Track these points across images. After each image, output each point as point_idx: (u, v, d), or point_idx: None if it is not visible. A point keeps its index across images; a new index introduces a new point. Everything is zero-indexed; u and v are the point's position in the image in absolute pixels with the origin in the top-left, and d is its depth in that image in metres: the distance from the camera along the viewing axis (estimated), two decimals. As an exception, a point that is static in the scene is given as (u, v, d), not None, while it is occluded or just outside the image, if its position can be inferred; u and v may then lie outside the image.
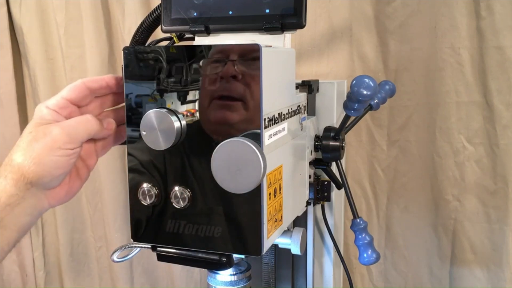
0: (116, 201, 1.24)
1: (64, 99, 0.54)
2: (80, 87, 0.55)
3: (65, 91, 0.54)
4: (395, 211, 1.06)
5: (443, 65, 0.96)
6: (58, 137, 0.50)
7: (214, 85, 0.49)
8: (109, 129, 0.56)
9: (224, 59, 0.48)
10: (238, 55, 0.48)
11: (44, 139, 0.49)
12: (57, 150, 0.50)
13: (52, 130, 0.50)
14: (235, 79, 0.48)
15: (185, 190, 0.52)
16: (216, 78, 0.49)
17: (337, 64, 1.04)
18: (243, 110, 0.48)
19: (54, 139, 0.49)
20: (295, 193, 0.62)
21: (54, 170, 0.50)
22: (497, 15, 0.90)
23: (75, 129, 0.51)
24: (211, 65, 0.49)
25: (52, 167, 0.50)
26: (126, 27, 1.14)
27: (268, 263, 0.81)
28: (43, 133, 0.50)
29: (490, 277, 1.00)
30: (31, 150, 0.49)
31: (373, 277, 1.11)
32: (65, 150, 0.50)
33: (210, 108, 0.50)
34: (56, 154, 0.50)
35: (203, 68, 0.50)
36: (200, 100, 0.50)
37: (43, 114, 0.53)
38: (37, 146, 0.49)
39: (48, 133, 0.50)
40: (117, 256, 0.62)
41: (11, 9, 1.21)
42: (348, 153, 1.06)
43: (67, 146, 0.50)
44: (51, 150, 0.49)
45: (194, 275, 1.25)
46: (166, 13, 0.62)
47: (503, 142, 0.94)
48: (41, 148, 0.49)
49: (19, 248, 1.35)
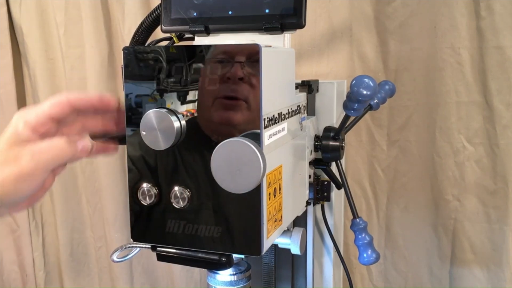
0: (116, 201, 1.24)
1: (44, 115, 0.51)
2: (63, 104, 0.52)
3: (47, 105, 0.52)
4: (395, 211, 1.06)
5: (443, 65, 0.96)
6: (26, 167, 0.49)
7: (219, 85, 0.49)
8: (83, 152, 0.53)
9: (229, 59, 0.48)
10: (246, 57, 0.48)
11: (14, 166, 0.49)
12: (25, 178, 0.49)
13: (22, 158, 0.49)
14: (242, 81, 0.48)
15: (185, 190, 0.52)
16: (221, 79, 0.49)
17: (337, 64, 1.04)
18: (246, 110, 0.48)
19: (22, 168, 0.49)
20: (295, 193, 0.62)
21: (19, 193, 0.50)
22: (497, 15, 0.90)
23: (46, 156, 0.50)
24: (215, 65, 0.49)
25: (17, 191, 0.49)
26: (126, 27, 1.14)
27: (268, 263, 0.80)
28: (14, 158, 0.49)
29: (490, 277, 1.00)
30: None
31: (373, 277, 1.11)
32: (33, 179, 0.50)
33: (213, 108, 0.49)
34: (23, 180, 0.49)
35: (206, 68, 0.49)
36: (202, 99, 0.50)
37: (18, 129, 0.51)
38: (6, 171, 0.48)
39: (18, 159, 0.49)
40: (117, 256, 0.61)
41: (11, 9, 1.21)
42: (348, 153, 1.06)
43: (35, 175, 0.49)
44: (18, 177, 0.49)
45: (194, 275, 1.25)
46: (166, 13, 0.62)
47: (503, 142, 0.94)
48: (8, 173, 0.48)
49: (19, 248, 1.35)
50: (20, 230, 1.34)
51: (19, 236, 1.35)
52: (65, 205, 1.30)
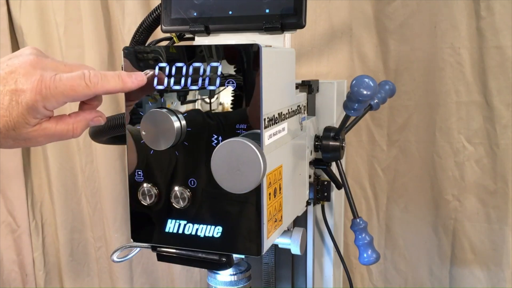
0: (116, 201, 1.24)
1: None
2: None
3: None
4: (395, 211, 1.06)
5: (443, 65, 0.96)
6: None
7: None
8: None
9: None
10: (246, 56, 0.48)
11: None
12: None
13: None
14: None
15: (185, 190, 0.52)
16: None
17: (337, 64, 1.04)
18: None
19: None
20: (295, 193, 0.62)
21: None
22: (497, 15, 0.90)
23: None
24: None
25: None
26: (126, 27, 1.14)
27: (268, 263, 0.81)
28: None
29: (490, 277, 1.00)
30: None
31: (373, 277, 1.11)
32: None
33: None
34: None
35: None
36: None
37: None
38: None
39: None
40: (117, 256, 0.61)
41: (11, 9, 1.21)
42: (348, 153, 1.06)
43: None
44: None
45: (194, 275, 1.25)
46: (166, 13, 0.62)
47: (503, 142, 0.94)
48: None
49: (19, 248, 1.36)
50: (20, 230, 1.35)
51: (19, 236, 1.35)
52: (65, 205, 1.30)
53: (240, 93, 0.49)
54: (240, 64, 0.49)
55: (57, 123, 0.49)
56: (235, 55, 0.49)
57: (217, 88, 0.50)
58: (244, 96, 0.49)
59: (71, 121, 0.50)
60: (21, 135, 0.47)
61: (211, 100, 0.50)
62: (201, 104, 0.51)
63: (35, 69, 0.46)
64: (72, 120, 0.50)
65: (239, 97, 0.49)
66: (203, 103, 0.50)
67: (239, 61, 0.49)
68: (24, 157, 1.31)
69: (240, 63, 0.49)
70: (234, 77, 0.49)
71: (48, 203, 1.34)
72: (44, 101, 0.45)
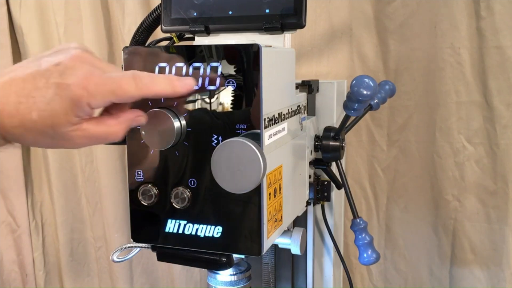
0: (116, 201, 1.24)
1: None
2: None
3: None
4: (395, 211, 1.06)
5: (443, 65, 0.96)
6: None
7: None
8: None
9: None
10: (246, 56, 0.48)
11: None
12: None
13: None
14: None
15: (185, 190, 0.52)
16: None
17: (337, 64, 1.04)
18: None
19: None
20: (295, 193, 0.62)
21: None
22: (497, 15, 0.90)
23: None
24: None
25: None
26: (126, 27, 1.14)
27: (268, 263, 0.81)
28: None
29: (490, 277, 1.00)
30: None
31: (373, 277, 1.11)
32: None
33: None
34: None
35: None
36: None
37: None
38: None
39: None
40: (117, 256, 0.61)
41: (11, 9, 1.21)
42: (348, 153, 1.06)
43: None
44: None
45: (194, 275, 1.25)
46: (166, 13, 0.62)
47: (503, 142, 0.94)
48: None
49: (19, 248, 1.36)
50: (20, 230, 1.35)
51: (19, 236, 1.35)
52: (65, 205, 1.30)
53: (240, 93, 0.49)
54: (240, 64, 0.49)
55: (98, 125, 0.45)
56: (235, 55, 0.49)
57: (217, 88, 0.50)
58: (244, 96, 0.49)
59: (113, 122, 0.46)
60: (59, 133, 0.43)
61: (211, 100, 0.50)
62: (201, 104, 0.51)
63: (83, 63, 0.43)
64: (114, 121, 0.46)
65: (239, 97, 0.49)
66: (203, 103, 0.50)
67: (239, 61, 0.49)
68: (24, 157, 1.31)
69: (240, 63, 0.49)
70: (234, 77, 0.49)
71: (48, 203, 1.34)
72: (90, 98, 0.42)
